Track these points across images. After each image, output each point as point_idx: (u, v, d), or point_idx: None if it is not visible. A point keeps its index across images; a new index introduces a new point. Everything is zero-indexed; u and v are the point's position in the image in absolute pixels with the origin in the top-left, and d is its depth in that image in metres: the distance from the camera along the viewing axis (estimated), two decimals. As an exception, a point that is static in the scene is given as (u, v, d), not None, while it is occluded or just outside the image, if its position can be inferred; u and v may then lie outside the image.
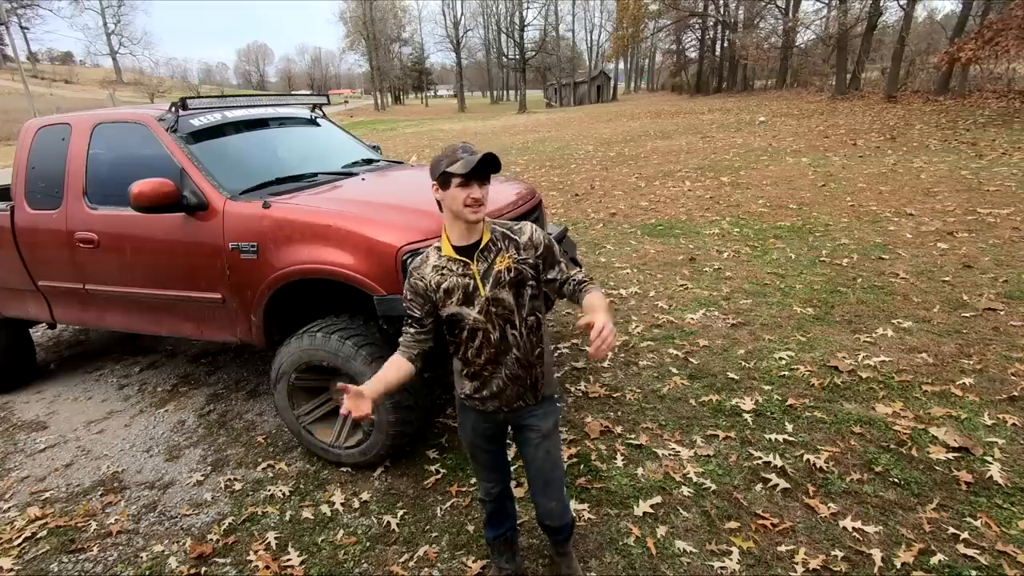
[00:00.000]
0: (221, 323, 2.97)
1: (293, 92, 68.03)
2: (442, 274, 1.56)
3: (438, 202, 1.55)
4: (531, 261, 1.57)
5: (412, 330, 1.65)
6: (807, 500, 2.28)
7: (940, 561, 1.95)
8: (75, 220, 3.12)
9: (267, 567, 2.20)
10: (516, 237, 1.58)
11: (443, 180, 1.47)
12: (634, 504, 2.35)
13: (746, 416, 2.87)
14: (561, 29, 61.16)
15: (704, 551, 2.10)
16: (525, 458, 1.78)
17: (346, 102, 67.49)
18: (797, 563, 2.00)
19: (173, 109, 2.98)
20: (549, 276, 1.62)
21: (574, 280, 1.61)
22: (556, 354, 3.73)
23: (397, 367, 1.64)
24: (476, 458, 1.84)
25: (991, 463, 2.37)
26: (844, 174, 8.24)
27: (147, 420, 3.46)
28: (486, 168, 1.45)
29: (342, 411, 1.47)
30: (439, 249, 1.58)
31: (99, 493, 2.79)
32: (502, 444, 1.83)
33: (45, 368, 4.36)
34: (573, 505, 2.36)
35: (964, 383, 2.97)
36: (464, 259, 1.54)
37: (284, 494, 2.63)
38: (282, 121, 3.69)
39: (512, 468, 2.24)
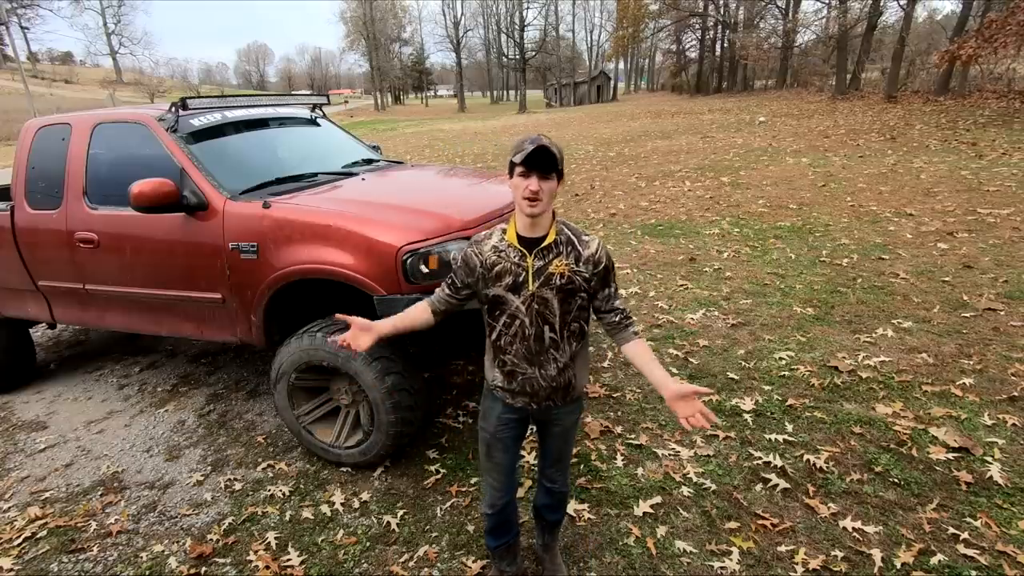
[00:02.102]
0: (221, 323, 2.97)
1: (293, 92, 68.04)
2: (499, 256, 1.58)
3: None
4: (586, 275, 1.57)
5: (446, 292, 1.72)
6: (807, 500, 2.29)
7: (940, 561, 1.96)
8: (75, 220, 3.12)
9: (267, 567, 2.20)
10: (580, 248, 1.57)
11: (510, 168, 1.51)
12: (634, 504, 2.35)
13: (746, 416, 2.87)
14: (561, 29, 61.22)
15: (704, 551, 2.10)
16: (543, 443, 1.86)
17: (346, 102, 67.47)
18: (797, 563, 2.00)
19: (173, 109, 2.98)
20: (596, 297, 1.63)
21: (617, 313, 1.63)
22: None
23: (417, 311, 1.76)
24: (491, 455, 1.82)
25: (991, 463, 2.38)
26: (844, 174, 8.24)
27: (147, 420, 3.46)
28: (539, 160, 1.45)
29: (339, 340, 1.63)
30: (504, 231, 1.61)
31: (99, 493, 2.79)
32: (519, 444, 1.84)
33: (45, 368, 4.36)
34: (573, 505, 2.36)
35: (964, 383, 2.97)
36: (523, 250, 1.56)
37: (284, 494, 2.63)
38: (282, 121, 3.68)
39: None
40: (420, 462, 2.78)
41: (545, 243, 1.56)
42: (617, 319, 1.64)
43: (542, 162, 1.45)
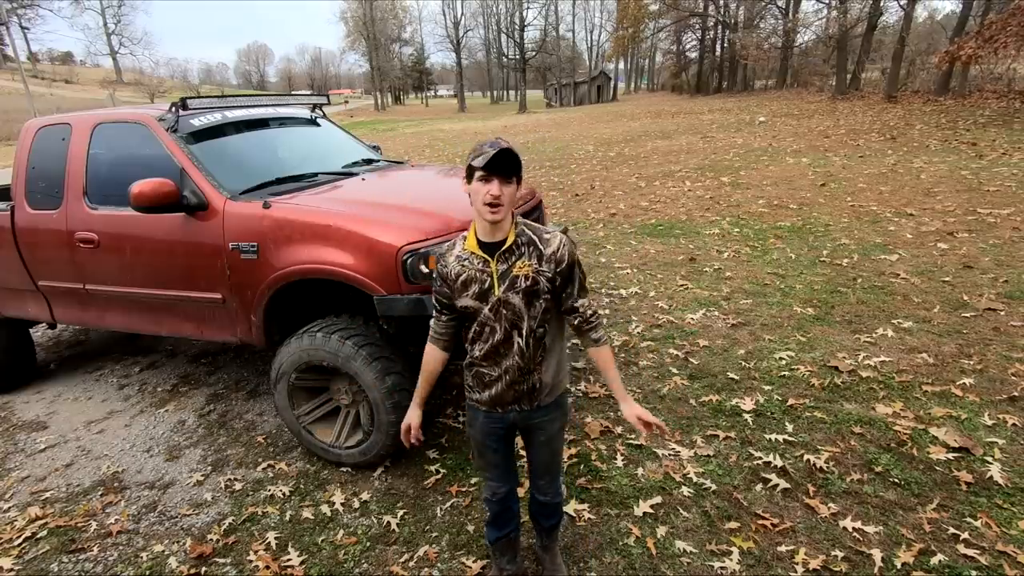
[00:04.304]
0: (221, 323, 2.97)
1: (293, 92, 67.99)
2: (463, 266, 1.57)
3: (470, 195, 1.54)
4: (549, 274, 1.55)
5: (443, 318, 1.70)
6: (807, 500, 2.28)
7: (940, 561, 1.95)
8: (75, 220, 3.12)
9: (267, 567, 2.20)
10: (542, 247, 1.55)
11: (468, 173, 1.48)
12: (634, 504, 2.35)
13: (746, 416, 2.87)
14: (561, 29, 61.20)
15: (704, 551, 2.10)
16: (529, 452, 1.84)
17: (346, 102, 67.47)
18: (797, 563, 2.00)
19: (173, 109, 2.98)
20: (560, 296, 1.61)
21: (577, 316, 1.62)
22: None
23: (433, 360, 1.76)
24: (484, 456, 1.83)
25: (991, 463, 2.37)
26: (844, 174, 8.24)
27: (147, 420, 3.46)
28: (501, 164, 1.42)
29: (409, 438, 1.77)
30: (464, 239, 1.59)
31: (99, 493, 2.79)
32: (510, 445, 1.83)
33: (45, 368, 4.36)
34: (573, 505, 2.36)
35: (964, 383, 2.97)
36: (485, 256, 1.54)
37: (284, 494, 2.63)
38: (282, 121, 3.69)
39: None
40: (420, 462, 2.78)
41: (506, 246, 1.53)
42: (576, 322, 1.63)
43: (504, 166, 1.42)
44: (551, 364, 1.66)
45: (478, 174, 1.44)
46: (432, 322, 1.73)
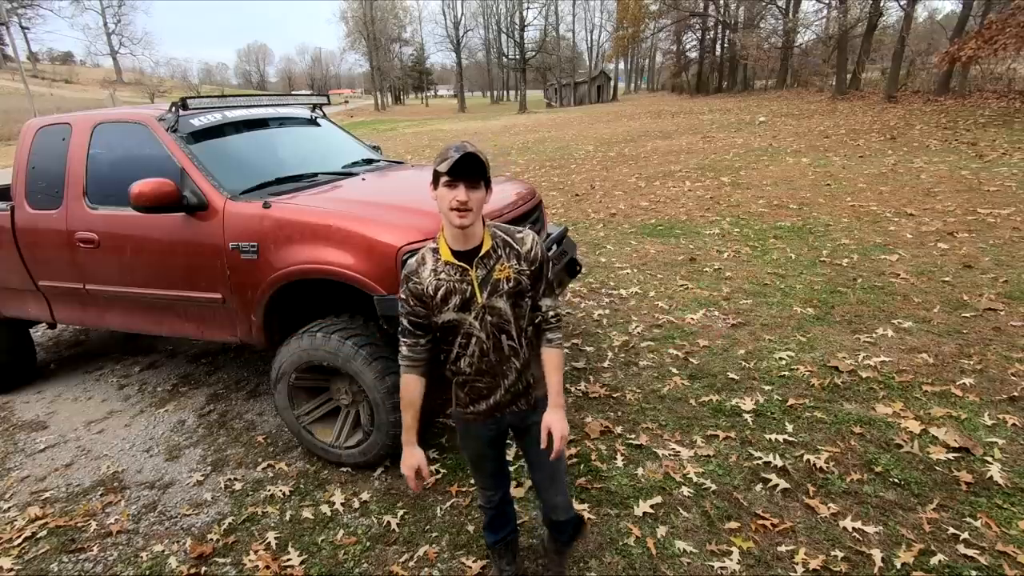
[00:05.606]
0: (221, 323, 2.97)
1: (293, 92, 67.95)
2: (439, 279, 1.51)
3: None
4: (528, 273, 1.54)
5: (421, 340, 1.58)
6: (807, 500, 2.28)
7: (940, 561, 1.95)
8: (75, 220, 3.13)
9: (267, 567, 2.20)
10: (518, 247, 1.54)
11: (434, 178, 1.44)
12: (634, 504, 2.35)
13: (746, 416, 2.87)
14: (561, 29, 61.16)
15: (704, 551, 2.10)
16: (528, 457, 1.77)
17: (346, 102, 67.51)
18: (797, 563, 2.00)
19: (173, 109, 2.98)
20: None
21: (545, 313, 1.60)
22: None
23: (414, 390, 1.60)
24: (479, 467, 1.82)
25: (991, 463, 2.37)
26: (844, 174, 8.24)
27: (147, 420, 3.46)
28: (466, 169, 1.37)
29: (413, 487, 1.62)
30: (435, 251, 1.53)
31: (99, 493, 2.79)
32: (503, 451, 1.81)
33: (45, 368, 4.36)
34: (573, 505, 2.35)
35: (964, 383, 2.97)
36: (463, 265, 1.50)
37: (284, 494, 2.63)
38: (282, 121, 3.69)
39: (510, 468, 2.24)
40: (420, 462, 2.77)
41: (483, 251, 1.50)
42: (537, 320, 1.61)
43: (469, 170, 1.38)
44: (538, 359, 1.66)
45: (444, 179, 1.39)
46: (404, 349, 1.59)
